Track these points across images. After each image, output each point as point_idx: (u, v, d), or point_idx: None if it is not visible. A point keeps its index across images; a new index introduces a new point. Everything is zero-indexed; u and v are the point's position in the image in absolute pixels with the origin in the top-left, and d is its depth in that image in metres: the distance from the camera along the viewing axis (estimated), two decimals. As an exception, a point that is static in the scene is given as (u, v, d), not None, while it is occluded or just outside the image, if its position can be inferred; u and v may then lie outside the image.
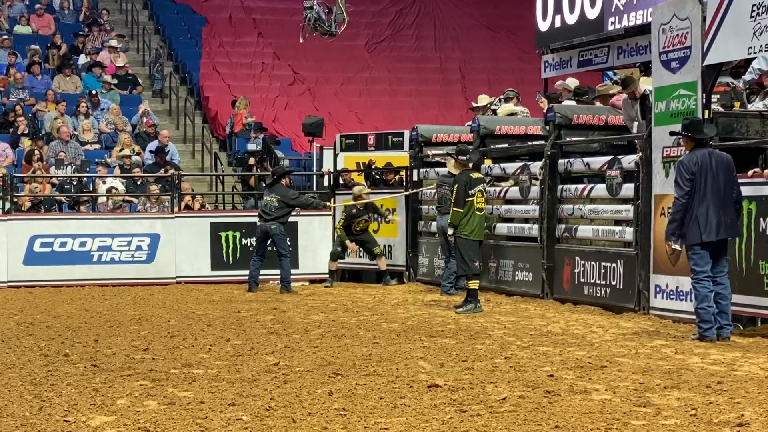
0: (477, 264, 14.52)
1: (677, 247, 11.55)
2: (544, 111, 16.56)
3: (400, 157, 19.96)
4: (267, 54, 30.25)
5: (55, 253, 19.30)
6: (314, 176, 22.77)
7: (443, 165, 16.91)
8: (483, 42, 31.93)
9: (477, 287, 14.46)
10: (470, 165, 14.74)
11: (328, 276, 19.08)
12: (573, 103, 17.90)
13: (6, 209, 19.53)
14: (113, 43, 28.12)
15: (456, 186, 14.47)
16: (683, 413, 7.63)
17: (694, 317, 11.59)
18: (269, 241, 17.78)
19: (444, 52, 31.55)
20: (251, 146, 23.45)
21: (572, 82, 18.16)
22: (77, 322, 13.54)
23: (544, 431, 7.11)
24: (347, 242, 18.71)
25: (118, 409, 7.88)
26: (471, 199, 14.42)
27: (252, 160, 22.93)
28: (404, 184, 19.46)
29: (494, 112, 18.76)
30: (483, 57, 31.36)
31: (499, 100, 18.92)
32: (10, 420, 7.52)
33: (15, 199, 19.98)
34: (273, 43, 30.41)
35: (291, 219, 18.07)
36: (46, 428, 7.27)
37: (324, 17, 23.90)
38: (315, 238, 20.06)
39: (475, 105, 19.35)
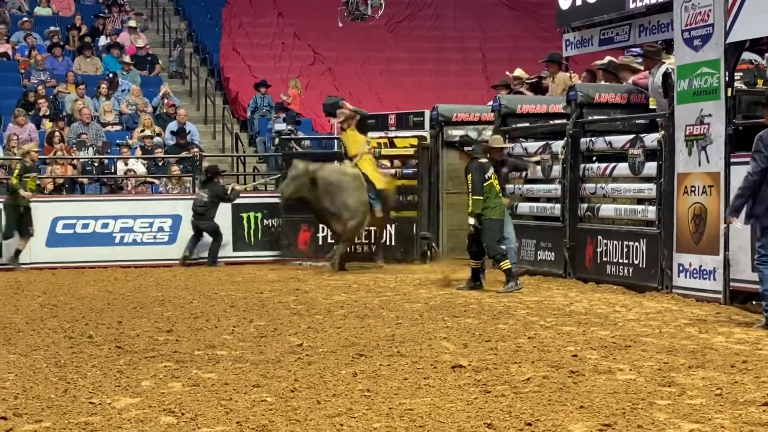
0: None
1: (739, 225, 11.14)
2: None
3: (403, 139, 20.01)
4: (287, 34, 30.20)
5: (77, 234, 19.36)
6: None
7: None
8: (503, 21, 31.81)
9: (510, 266, 14.45)
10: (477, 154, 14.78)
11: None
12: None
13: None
14: (132, 23, 28.12)
15: (470, 175, 14.44)
16: (708, 393, 7.60)
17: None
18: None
19: (464, 32, 31.45)
20: (279, 126, 23.50)
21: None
22: (100, 303, 13.58)
23: (569, 411, 7.09)
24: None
25: (142, 391, 7.90)
26: (489, 182, 14.43)
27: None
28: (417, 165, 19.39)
29: (535, 85, 18.72)
30: (503, 36, 31.24)
31: (540, 77, 18.90)
32: (36, 402, 7.55)
33: (37, 181, 20.03)
34: (293, 23, 30.36)
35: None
36: (71, 410, 7.29)
37: (360, 1, 23.90)
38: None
39: (509, 74, 19.33)
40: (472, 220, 14.45)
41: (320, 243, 19.60)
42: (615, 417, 6.92)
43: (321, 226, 19.11)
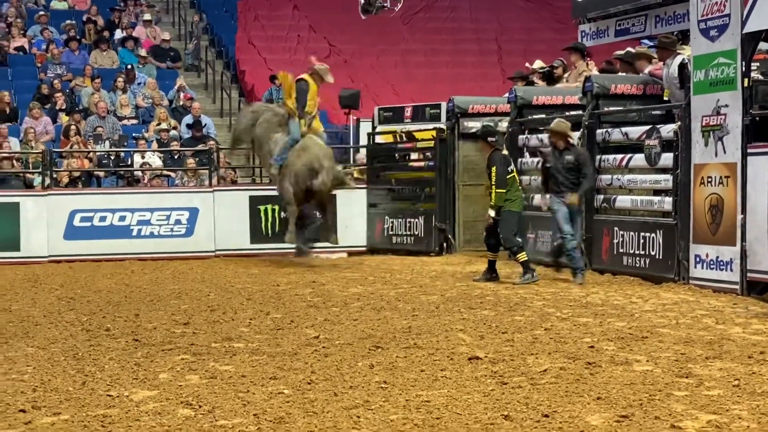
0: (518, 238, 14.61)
1: None
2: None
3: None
4: (302, 27, 30.20)
5: (95, 227, 19.41)
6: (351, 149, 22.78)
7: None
8: (519, 12, 31.75)
9: (526, 257, 14.44)
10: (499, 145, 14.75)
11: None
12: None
13: (46, 184, 19.66)
14: (147, 17, 28.17)
15: (495, 167, 14.40)
16: (726, 384, 7.59)
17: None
18: None
19: (479, 23, 31.40)
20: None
21: (539, 64, 18.81)
22: (118, 296, 13.62)
23: (586, 403, 7.09)
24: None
25: (160, 384, 7.92)
26: (511, 175, 14.43)
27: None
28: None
29: (549, 75, 18.69)
30: (519, 27, 31.19)
31: (552, 67, 18.87)
32: (54, 394, 7.58)
33: (54, 175, 20.10)
34: (308, 16, 30.36)
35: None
36: (89, 402, 7.32)
37: None
38: (352, 212, 20.11)
39: (528, 65, 19.33)
40: (491, 213, 14.43)
41: (385, 234, 20.00)
42: (632, 408, 6.92)
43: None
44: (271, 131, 17.55)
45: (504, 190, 14.34)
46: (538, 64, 19.29)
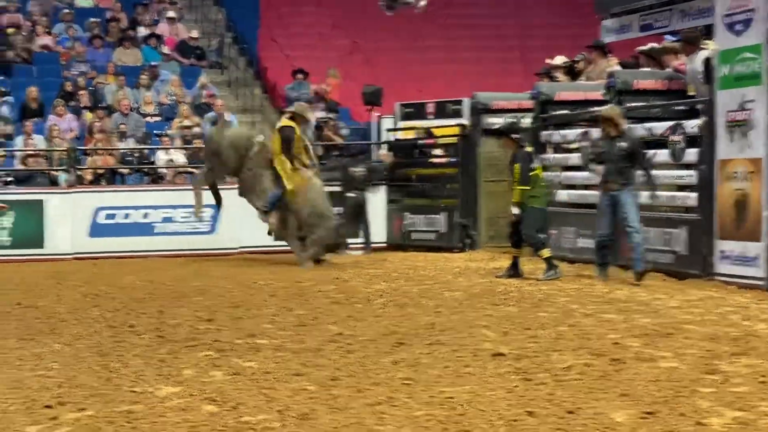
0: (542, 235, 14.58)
1: None
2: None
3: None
4: (325, 23, 30.18)
5: (119, 224, 19.48)
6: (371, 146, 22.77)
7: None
8: (540, 7, 31.66)
9: (549, 254, 14.40)
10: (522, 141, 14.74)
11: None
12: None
13: (70, 182, 19.72)
14: (171, 14, 28.20)
15: (518, 164, 14.36)
16: (752, 380, 7.56)
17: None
18: None
19: (501, 19, 31.33)
20: (318, 115, 23.60)
21: (561, 60, 18.74)
22: (142, 293, 13.65)
23: (611, 399, 7.07)
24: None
25: (184, 380, 7.94)
26: (535, 172, 14.40)
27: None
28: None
29: (571, 70, 18.64)
30: (540, 23, 31.10)
31: (574, 61, 18.82)
32: (79, 390, 7.61)
33: (79, 172, 20.17)
34: (331, 13, 30.35)
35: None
36: (114, 399, 7.34)
37: None
38: (372, 208, 20.19)
39: (549, 61, 19.29)
40: (515, 210, 14.39)
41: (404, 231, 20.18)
42: (657, 405, 6.89)
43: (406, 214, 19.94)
44: (261, 169, 17.53)
45: (527, 187, 14.30)
46: (559, 59, 19.23)
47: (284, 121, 17.60)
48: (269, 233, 17.78)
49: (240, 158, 17.56)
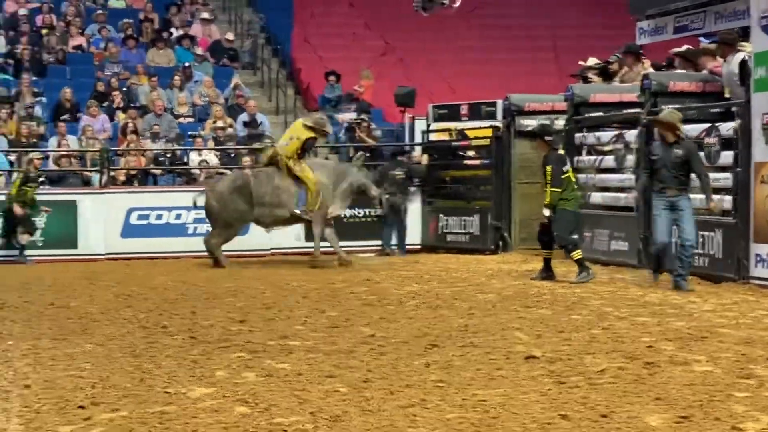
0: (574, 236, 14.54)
1: None
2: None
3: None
4: (358, 24, 30.20)
5: (151, 225, 19.55)
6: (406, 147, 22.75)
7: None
8: (574, 9, 31.55)
9: (581, 255, 14.34)
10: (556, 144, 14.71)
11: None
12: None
13: (103, 182, 19.82)
14: (205, 15, 28.29)
15: (550, 166, 14.32)
16: (788, 385, 7.49)
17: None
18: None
19: (534, 19, 31.24)
20: (350, 116, 23.62)
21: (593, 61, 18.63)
22: (174, 294, 13.69)
23: (645, 403, 7.02)
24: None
25: (216, 381, 7.94)
26: (567, 174, 14.35)
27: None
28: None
29: (605, 71, 18.56)
30: (574, 24, 30.99)
31: (607, 62, 18.75)
32: (113, 391, 7.62)
33: (112, 173, 20.25)
34: (364, 14, 30.36)
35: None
36: (147, 399, 7.34)
37: None
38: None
39: (582, 62, 19.23)
40: (546, 212, 14.33)
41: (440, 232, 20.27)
42: (692, 409, 6.83)
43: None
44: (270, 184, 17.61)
45: (559, 189, 14.26)
46: (592, 60, 19.16)
47: (305, 132, 17.65)
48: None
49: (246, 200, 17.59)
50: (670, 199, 13.26)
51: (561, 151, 14.66)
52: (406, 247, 19.95)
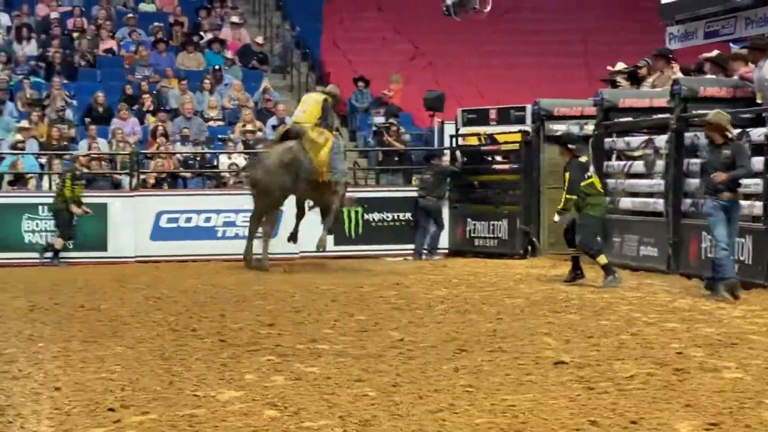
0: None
1: None
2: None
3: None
4: (387, 29, 30.20)
5: (180, 228, 19.62)
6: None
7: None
8: (604, 13, 31.47)
9: (606, 260, 14.33)
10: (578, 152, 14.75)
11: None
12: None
13: (133, 185, 19.90)
14: (235, 19, 28.37)
15: (569, 173, 14.39)
16: (818, 393, 7.46)
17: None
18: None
19: (564, 24, 31.17)
20: (379, 120, 23.67)
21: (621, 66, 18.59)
22: (203, 297, 13.73)
23: (675, 410, 7.00)
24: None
25: (246, 384, 7.97)
26: (589, 181, 14.34)
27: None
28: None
29: (633, 75, 18.49)
30: (604, 29, 30.91)
31: (637, 67, 18.69)
32: (142, 394, 7.66)
33: (142, 176, 20.33)
34: (393, 18, 30.38)
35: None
36: (176, 402, 7.38)
37: None
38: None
39: (611, 68, 19.18)
40: (557, 217, 14.52)
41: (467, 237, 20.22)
42: (722, 416, 6.81)
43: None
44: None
45: (574, 196, 14.31)
46: (620, 65, 19.11)
47: (318, 95, 18.26)
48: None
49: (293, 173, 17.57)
50: (723, 204, 12.81)
51: (583, 159, 14.69)
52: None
